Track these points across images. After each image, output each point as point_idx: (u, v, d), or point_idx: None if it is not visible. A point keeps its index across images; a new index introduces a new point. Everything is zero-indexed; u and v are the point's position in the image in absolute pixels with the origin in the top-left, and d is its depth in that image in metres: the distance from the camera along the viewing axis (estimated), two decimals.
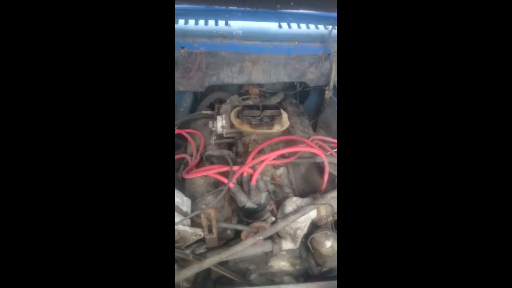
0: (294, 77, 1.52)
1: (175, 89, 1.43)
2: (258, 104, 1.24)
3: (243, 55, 1.35)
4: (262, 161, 0.98)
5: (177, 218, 0.88)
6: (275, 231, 0.95)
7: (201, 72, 1.38)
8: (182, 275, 0.81)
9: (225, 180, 0.98)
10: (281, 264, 1.10)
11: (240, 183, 1.03)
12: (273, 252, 1.03)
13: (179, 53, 1.28)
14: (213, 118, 1.30)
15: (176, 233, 0.88)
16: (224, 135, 1.28)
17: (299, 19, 1.45)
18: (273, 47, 1.37)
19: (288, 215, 0.98)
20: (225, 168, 1.00)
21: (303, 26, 1.48)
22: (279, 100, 1.65)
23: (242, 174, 0.99)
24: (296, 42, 1.38)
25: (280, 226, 0.94)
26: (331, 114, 1.73)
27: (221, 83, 1.42)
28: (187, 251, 0.93)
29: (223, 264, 1.04)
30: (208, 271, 1.10)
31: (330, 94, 1.67)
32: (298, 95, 1.85)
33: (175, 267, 0.87)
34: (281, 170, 1.27)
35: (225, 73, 1.39)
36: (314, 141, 1.33)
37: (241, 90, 1.65)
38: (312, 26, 1.49)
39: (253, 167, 1.00)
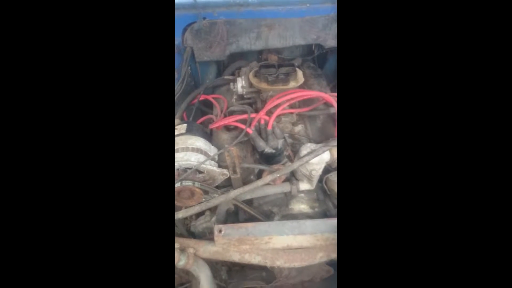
0: (309, 39, 1.59)
1: (200, 60, 1.56)
2: (274, 63, 1.34)
3: (259, 20, 1.45)
4: (276, 106, 1.09)
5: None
6: (291, 169, 1.06)
7: (223, 41, 1.50)
8: (211, 203, 0.96)
9: (244, 127, 1.11)
10: (301, 207, 1.22)
11: (258, 131, 1.15)
12: (291, 192, 1.15)
13: (202, 24, 1.41)
14: (234, 81, 1.43)
15: (205, 172, 1.03)
16: (245, 96, 1.41)
17: None
18: (286, 11, 1.45)
19: (303, 157, 1.09)
20: (244, 116, 1.13)
21: None
22: (297, 65, 1.73)
23: (259, 122, 1.12)
24: (307, 4, 1.45)
25: (296, 165, 1.06)
26: None
27: (241, 50, 1.53)
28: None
29: (249, 205, 1.18)
30: (236, 214, 1.25)
31: None
32: (317, 60, 1.91)
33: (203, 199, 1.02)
34: (299, 127, 1.38)
35: (244, 40, 1.50)
36: (331, 97, 1.41)
37: (259, 56, 1.75)
38: None
39: (269, 114, 1.11)
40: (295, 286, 1.24)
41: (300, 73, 1.37)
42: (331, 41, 1.64)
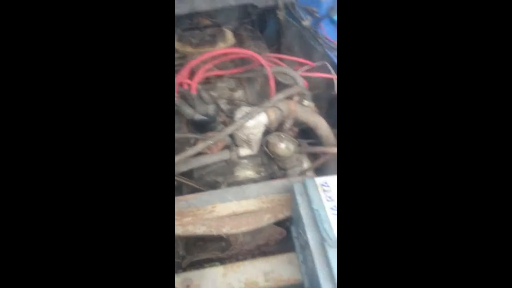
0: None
1: None
2: (199, 26, 1.25)
3: None
4: (197, 68, 1.01)
5: None
6: (224, 135, 1.01)
7: None
8: None
9: None
10: (246, 173, 1.19)
11: (184, 97, 1.08)
12: (231, 159, 1.11)
13: None
14: None
15: None
16: None
17: None
18: None
19: (237, 121, 1.04)
20: None
21: None
22: (231, 27, 1.63)
23: (182, 86, 1.03)
24: None
25: (230, 130, 1.01)
26: (291, 36, 1.72)
27: None
28: None
29: (190, 178, 1.13)
30: (179, 189, 1.19)
31: (282, 14, 1.65)
32: (257, 24, 1.83)
33: None
34: (239, 93, 1.32)
35: None
36: (268, 58, 1.35)
37: (189, 21, 1.63)
38: None
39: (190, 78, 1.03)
40: (251, 251, 1.24)
41: (229, 33, 1.29)
42: (266, 0, 1.56)
